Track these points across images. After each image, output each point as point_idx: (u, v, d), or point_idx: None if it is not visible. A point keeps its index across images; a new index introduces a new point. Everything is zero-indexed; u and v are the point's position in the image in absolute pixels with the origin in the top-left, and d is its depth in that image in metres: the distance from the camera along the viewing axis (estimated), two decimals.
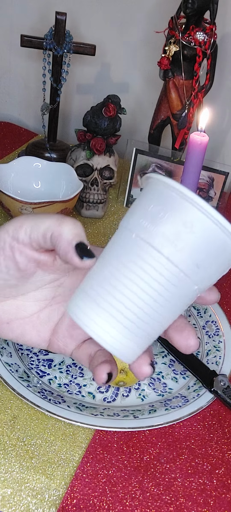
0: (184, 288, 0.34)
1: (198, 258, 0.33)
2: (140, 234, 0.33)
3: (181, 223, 0.32)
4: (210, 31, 0.95)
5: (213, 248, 0.33)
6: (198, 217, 0.32)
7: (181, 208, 0.33)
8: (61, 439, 0.57)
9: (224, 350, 0.71)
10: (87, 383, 0.64)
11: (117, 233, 0.36)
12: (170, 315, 0.35)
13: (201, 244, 0.33)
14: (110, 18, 1.18)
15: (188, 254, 0.33)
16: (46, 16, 1.19)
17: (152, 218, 0.33)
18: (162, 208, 0.33)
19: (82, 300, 0.35)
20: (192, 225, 0.32)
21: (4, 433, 0.56)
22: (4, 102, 1.37)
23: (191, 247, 0.33)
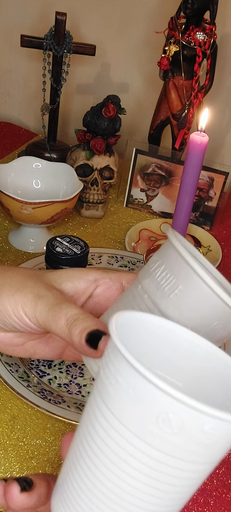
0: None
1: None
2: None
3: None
4: (210, 31, 0.95)
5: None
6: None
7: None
8: (61, 439, 0.57)
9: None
10: (87, 383, 0.64)
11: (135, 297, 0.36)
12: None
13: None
14: (110, 18, 1.18)
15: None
16: (46, 16, 1.19)
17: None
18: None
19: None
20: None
21: (4, 433, 0.56)
22: (4, 102, 1.37)
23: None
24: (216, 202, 1.00)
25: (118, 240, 0.93)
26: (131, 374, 0.27)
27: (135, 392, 0.27)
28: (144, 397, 0.27)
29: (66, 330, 0.36)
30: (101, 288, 0.42)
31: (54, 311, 0.37)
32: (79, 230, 0.94)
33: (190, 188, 0.84)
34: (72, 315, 0.36)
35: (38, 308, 0.38)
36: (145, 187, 1.02)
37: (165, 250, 0.35)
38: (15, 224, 0.90)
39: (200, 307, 0.33)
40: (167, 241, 0.35)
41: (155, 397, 0.26)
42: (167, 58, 0.97)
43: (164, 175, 1.00)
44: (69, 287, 0.41)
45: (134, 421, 0.27)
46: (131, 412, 0.27)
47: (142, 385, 0.26)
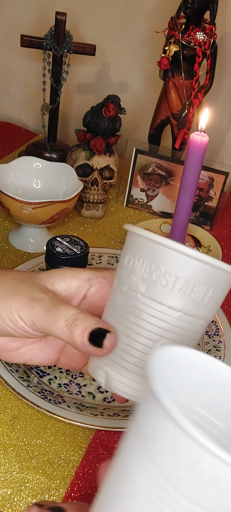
0: (191, 326, 0.36)
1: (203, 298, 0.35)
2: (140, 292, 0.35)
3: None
4: (210, 31, 0.95)
5: (217, 284, 0.35)
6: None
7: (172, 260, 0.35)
8: (61, 439, 0.57)
9: (224, 350, 0.71)
10: (87, 383, 0.64)
11: (118, 295, 0.37)
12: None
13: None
14: (110, 18, 1.18)
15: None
16: (46, 16, 1.19)
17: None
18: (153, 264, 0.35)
19: (113, 367, 0.37)
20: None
21: (4, 433, 0.56)
22: (4, 102, 1.37)
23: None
24: (216, 202, 1.00)
25: (118, 240, 0.93)
26: (173, 428, 0.25)
27: (177, 447, 0.25)
28: (178, 442, 0.25)
29: (66, 331, 0.36)
30: (95, 287, 0.42)
31: (52, 313, 0.37)
32: (79, 230, 0.94)
33: (190, 188, 0.84)
34: (71, 315, 0.36)
35: (34, 311, 0.38)
36: (145, 187, 1.02)
37: (134, 244, 0.37)
38: (15, 224, 0.90)
39: (182, 272, 0.35)
40: (132, 235, 0.37)
41: (187, 443, 0.25)
42: (167, 58, 0.97)
43: (164, 175, 1.00)
44: (62, 286, 0.41)
45: (168, 464, 0.26)
46: (167, 456, 0.26)
47: (184, 442, 0.25)
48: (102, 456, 0.56)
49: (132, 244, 0.36)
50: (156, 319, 0.35)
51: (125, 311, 0.36)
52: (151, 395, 0.26)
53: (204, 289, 0.35)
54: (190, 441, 0.24)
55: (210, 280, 0.35)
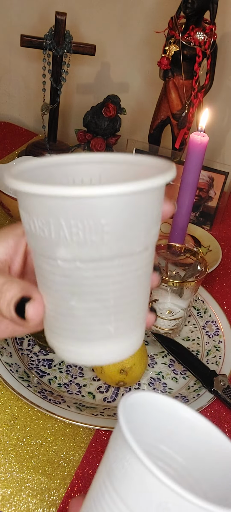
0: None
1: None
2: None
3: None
4: (210, 31, 0.95)
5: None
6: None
7: None
8: (61, 439, 0.57)
9: (224, 350, 0.71)
10: (87, 383, 0.64)
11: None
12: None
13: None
14: (110, 18, 1.18)
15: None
16: (46, 16, 1.19)
17: None
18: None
19: (69, 344, 0.32)
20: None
21: (4, 433, 0.56)
22: (4, 102, 1.37)
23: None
24: (216, 202, 1.00)
25: None
26: (137, 463, 0.28)
27: (140, 479, 0.29)
28: (147, 486, 0.28)
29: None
30: None
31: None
32: None
33: (190, 188, 0.84)
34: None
35: None
36: None
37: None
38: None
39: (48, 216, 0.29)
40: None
41: (157, 487, 0.28)
42: (167, 58, 0.97)
43: None
44: (0, 251, 0.37)
45: (138, 506, 0.29)
46: (136, 497, 0.29)
47: (145, 475, 0.28)
48: (102, 456, 0.56)
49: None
50: (57, 276, 0.30)
51: (37, 273, 0.32)
52: (121, 438, 0.30)
53: (86, 226, 0.27)
54: (156, 482, 0.28)
55: (87, 214, 0.27)
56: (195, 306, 0.78)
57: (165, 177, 0.28)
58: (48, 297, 0.32)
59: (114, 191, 0.26)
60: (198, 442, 0.36)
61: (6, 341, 0.66)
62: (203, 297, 0.79)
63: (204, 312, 0.77)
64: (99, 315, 0.30)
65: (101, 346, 0.32)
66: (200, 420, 0.36)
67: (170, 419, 0.36)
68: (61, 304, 0.31)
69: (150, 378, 0.66)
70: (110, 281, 0.30)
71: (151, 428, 0.36)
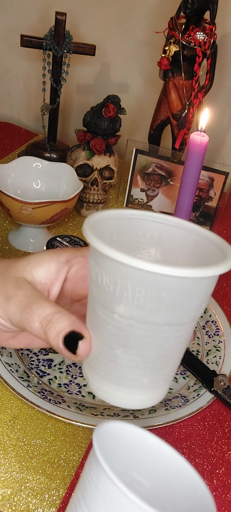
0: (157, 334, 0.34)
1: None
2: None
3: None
4: (210, 31, 0.95)
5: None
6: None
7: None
8: (61, 439, 0.57)
9: (224, 350, 0.71)
10: (87, 383, 0.64)
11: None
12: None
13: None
14: (110, 18, 1.18)
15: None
16: (46, 16, 1.19)
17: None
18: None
19: (104, 384, 0.37)
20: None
21: (4, 433, 0.56)
22: (4, 102, 1.37)
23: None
24: (216, 202, 1.00)
25: None
26: (109, 484, 0.33)
27: (112, 500, 0.33)
28: (119, 506, 0.32)
29: (42, 333, 0.35)
30: (75, 268, 0.39)
31: (26, 313, 0.35)
32: (79, 230, 0.94)
33: (190, 188, 0.84)
34: (45, 317, 0.35)
35: (10, 310, 0.36)
36: (145, 187, 1.02)
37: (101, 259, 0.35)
38: (15, 224, 0.90)
39: (120, 278, 0.33)
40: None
41: (127, 506, 0.32)
42: (167, 58, 0.97)
43: (164, 175, 1.00)
44: (41, 273, 0.38)
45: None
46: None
47: (117, 495, 0.32)
48: None
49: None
50: (110, 326, 0.34)
51: (90, 314, 0.35)
52: (95, 462, 0.34)
53: (148, 294, 0.32)
54: (127, 501, 0.32)
55: (151, 285, 0.31)
56: None
57: (227, 265, 0.32)
58: (95, 338, 0.35)
59: (177, 274, 0.30)
60: (163, 468, 0.40)
61: None
62: None
63: (204, 312, 0.77)
64: (138, 368, 0.34)
65: (132, 394, 0.36)
66: (164, 447, 0.40)
67: (138, 447, 0.41)
68: (106, 349, 0.35)
69: None
70: (155, 341, 0.34)
71: (121, 456, 0.41)
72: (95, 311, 0.35)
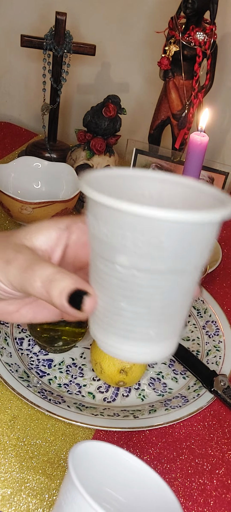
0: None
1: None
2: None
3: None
4: (210, 31, 0.95)
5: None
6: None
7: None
8: (61, 439, 0.57)
9: (224, 350, 0.71)
10: (87, 383, 0.64)
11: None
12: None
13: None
14: (110, 18, 1.18)
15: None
16: (46, 16, 1.19)
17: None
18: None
19: (111, 339, 0.36)
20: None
21: (4, 433, 0.56)
22: (4, 102, 1.37)
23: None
24: None
25: None
26: (83, 503, 0.35)
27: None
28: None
29: (44, 293, 0.34)
30: (75, 234, 0.39)
31: (28, 274, 0.35)
32: None
33: None
34: (47, 276, 0.34)
35: (10, 273, 0.36)
36: None
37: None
38: (15, 224, 0.90)
39: (116, 226, 0.32)
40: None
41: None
42: (167, 58, 0.97)
43: None
44: (41, 240, 0.38)
45: None
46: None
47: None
48: None
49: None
50: (113, 278, 0.33)
51: (93, 268, 0.35)
52: (70, 483, 0.36)
53: (148, 241, 0.31)
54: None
55: (151, 231, 0.30)
56: (195, 306, 0.78)
57: (226, 211, 0.30)
58: (99, 294, 0.35)
59: (178, 217, 0.29)
60: (138, 483, 0.43)
61: (6, 341, 0.66)
62: (203, 297, 0.79)
63: (204, 312, 0.77)
64: (144, 320, 0.34)
65: (140, 347, 0.35)
66: (138, 463, 0.43)
67: (113, 464, 0.43)
68: (111, 303, 0.34)
69: (150, 378, 0.66)
70: (160, 291, 0.33)
71: (97, 473, 0.43)
72: (97, 266, 0.34)
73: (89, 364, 0.66)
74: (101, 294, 0.34)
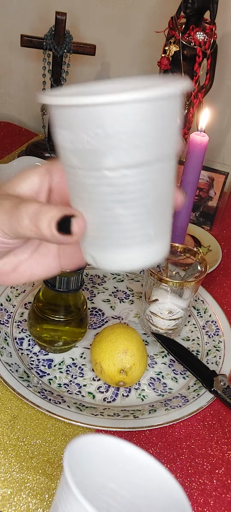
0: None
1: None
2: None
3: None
4: (210, 31, 0.95)
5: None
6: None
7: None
8: (61, 439, 0.57)
9: (224, 350, 0.71)
10: (87, 383, 0.64)
11: (67, 177, 0.35)
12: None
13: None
14: (110, 18, 1.18)
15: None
16: (46, 16, 1.19)
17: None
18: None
19: (111, 252, 0.35)
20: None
21: (4, 433, 0.56)
22: (4, 102, 1.37)
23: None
24: (216, 202, 1.00)
25: None
26: (77, 504, 0.34)
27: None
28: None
29: (33, 228, 0.35)
30: (57, 175, 0.39)
31: (14, 214, 0.36)
32: None
33: (190, 188, 0.84)
34: (33, 211, 0.35)
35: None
36: None
37: (52, 116, 0.34)
38: None
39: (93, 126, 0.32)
40: (49, 107, 0.34)
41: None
42: (167, 58, 0.97)
43: None
44: (25, 187, 0.39)
45: None
46: None
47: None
48: None
49: (52, 116, 0.34)
50: (104, 187, 0.32)
51: (77, 191, 0.34)
52: (65, 483, 0.34)
53: (130, 130, 0.30)
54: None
55: (130, 120, 0.30)
56: (195, 306, 0.78)
57: (186, 83, 0.31)
58: (91, 212, 0.34)
59: (150, 95, 0.29)
60: (142, 477, 0.41)
61: (6, 341, 0.66)
62: (203, 297, 0.79)
63: (204, 312, 0.77)
64: (142, 220, 0.33)
65: (141, 251, 0.34)
66: (142, 456, 0.41)
67: (116, 458, 0.41)
68: (105, 214, 0.33)
69: (150, 378, 0.66)
70: (151, 185, 0.32)
71: (99, 468, 0.41)
72: (83, 184, 0.33)
73: (89, 364, 0.66)
74: (94, 210, 0.34)
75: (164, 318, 0.70)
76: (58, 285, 0.62)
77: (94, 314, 0.75)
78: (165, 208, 0.35)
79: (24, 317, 0.71)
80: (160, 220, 0.34)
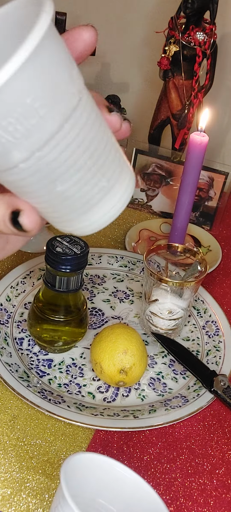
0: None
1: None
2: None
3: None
4: (210, 31, 0.95)
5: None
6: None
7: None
8: (61, 439, 0.57)
9: (224, 350, 0.71)
10: (87, 383, 0.64)
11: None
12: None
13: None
14: (111, 18, 1.18)
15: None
16: None
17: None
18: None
19: (82, 221, 0.33)
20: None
21: (4, 433, 0.56)
22: None
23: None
24: (216, 202, 1.00)
25: (118, 240, 0.93)
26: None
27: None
28: None
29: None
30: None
31: None
32: None
33: (190, 188, 0.84)
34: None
35: None
36: (145, 187, 1.02)
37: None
38: None
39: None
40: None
41: None
42: (167, 58, 0.97)
43: (164, 175, 1.00)
44: None
45: None
46: None
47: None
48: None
49: None
50: (29, 178, 0.29)
51: (13, 189, 0.32)
52: (62, 495, 0.37)
53: (19, 117, 0.26)
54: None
55: (15, 102, 0.26)
56: (195, 306, 0.78)
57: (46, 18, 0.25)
58: (35, 202, 0.31)
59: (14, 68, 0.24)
60: (129, 494, 0.44)
61: (6, 341, 0.66)
62: (203, 297, 0.79)
63: (204, 312, 0.77)
64: (88, 180, 0.30)
65: (105, 204, 0.32)
66: (130, 474, 0.44)
67: (105, 475, 0.44)
68: (50, 198, 0.31)
69: (150, 378, 0.66)
70: (74, 146, 0.29)
71: (90, 484, 0.44)
72: (8, 183, 0.30)
73: (89, 364, 0.66)
74: (37, 199, 0.31)
75: (164, 318, 0.70)
76: (58, 285, 0.62)
77: (94, 314, 0.75)
78: (104, 149, 0.31)
79: (24, 317, 0.71)
80: (106, 164, 0.31)
